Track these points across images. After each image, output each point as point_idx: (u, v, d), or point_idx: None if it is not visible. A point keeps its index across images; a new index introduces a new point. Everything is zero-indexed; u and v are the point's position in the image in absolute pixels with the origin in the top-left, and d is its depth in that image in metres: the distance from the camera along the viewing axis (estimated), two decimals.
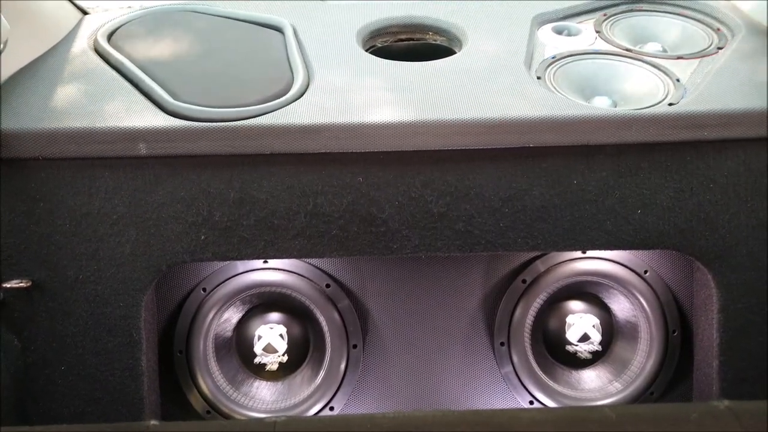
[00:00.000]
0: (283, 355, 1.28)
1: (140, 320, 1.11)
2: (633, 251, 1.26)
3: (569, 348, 1.31)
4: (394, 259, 1.26)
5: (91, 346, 1.11)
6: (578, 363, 1.32)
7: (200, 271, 1.25)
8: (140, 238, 1.08)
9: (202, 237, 1.09)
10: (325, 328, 1.26)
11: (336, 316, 1.25)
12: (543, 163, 1.08)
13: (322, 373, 1.27)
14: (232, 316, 1.28)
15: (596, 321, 1.30)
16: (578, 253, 1.27)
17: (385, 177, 1.08)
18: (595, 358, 1.31)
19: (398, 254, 1.11)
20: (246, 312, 1.29)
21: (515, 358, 1.28)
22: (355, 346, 1.26)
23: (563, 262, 1.27)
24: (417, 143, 1.06)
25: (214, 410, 1.27)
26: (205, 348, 1.25)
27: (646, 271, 1.27)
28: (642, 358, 1.28)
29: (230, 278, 1.25)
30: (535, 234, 1.11)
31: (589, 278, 1.28)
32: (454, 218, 1.10)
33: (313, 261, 1.26)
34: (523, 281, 1.27)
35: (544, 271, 1.27)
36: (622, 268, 1.27)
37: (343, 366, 1.26)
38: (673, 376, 1.28)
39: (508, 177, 1.09)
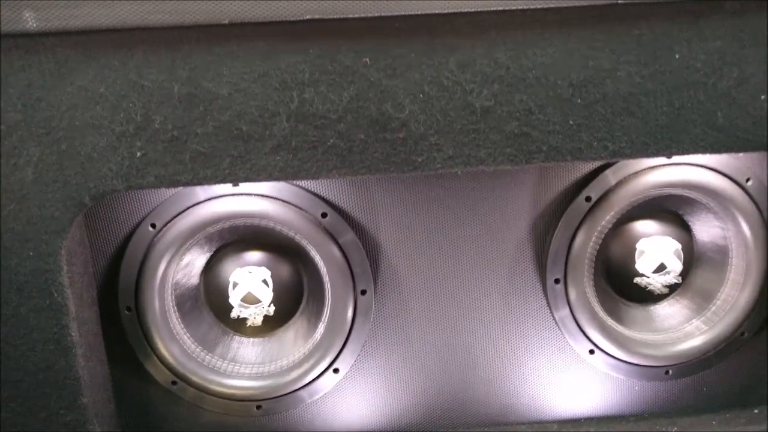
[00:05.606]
0: (269, 305, 0.98)
1: (61, 274, 0.79)
2: (733, 154, 0.94)
3: (639, 281, 1.02)
4: (414, 178, 0.93)
5: None
6: (649, 299, 1.04)
7: (146, 201, 0.92)
8: (46, 158, 0.75)
9: (138, 153, 0.75)
10: (323, 270, 0.94)
11: (337, 253, 0.93)
12: (634, 29, 0.75)
13: (321, 327, 0.97)
14: (196, 258, 0.96)
15: (677, 246, 1.00)
16: (659, 159, 0.95)
17: (403, 56, 0.74)
18: (670, 291, 1.04)
19: (424, 170, 0.78)
20: (215, 252, 0.97)
21: (573, 299, 0.98)
22: (364, 292, 0.95)
23: (642, 171, 0.94)
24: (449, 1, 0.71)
25: (181, 380, 0.97)
26: (162, 302, 0.93)
27: (748, 179, 0.95)
28: (733, 290, 1.00)
29: (188, 209, 0.91)
30: (618, 134, 0.79)
31: (674, 191, 0.96)
32: (504, 115, 0.77)
33: (303, 183, 0.92)
34: (587, 199, 0.95)
35: (615, 184, 0.94)
36: (718, 176, 0.95)
37: (349, 317, 0.96)
38: None
39: (584, 52, 0.76)
